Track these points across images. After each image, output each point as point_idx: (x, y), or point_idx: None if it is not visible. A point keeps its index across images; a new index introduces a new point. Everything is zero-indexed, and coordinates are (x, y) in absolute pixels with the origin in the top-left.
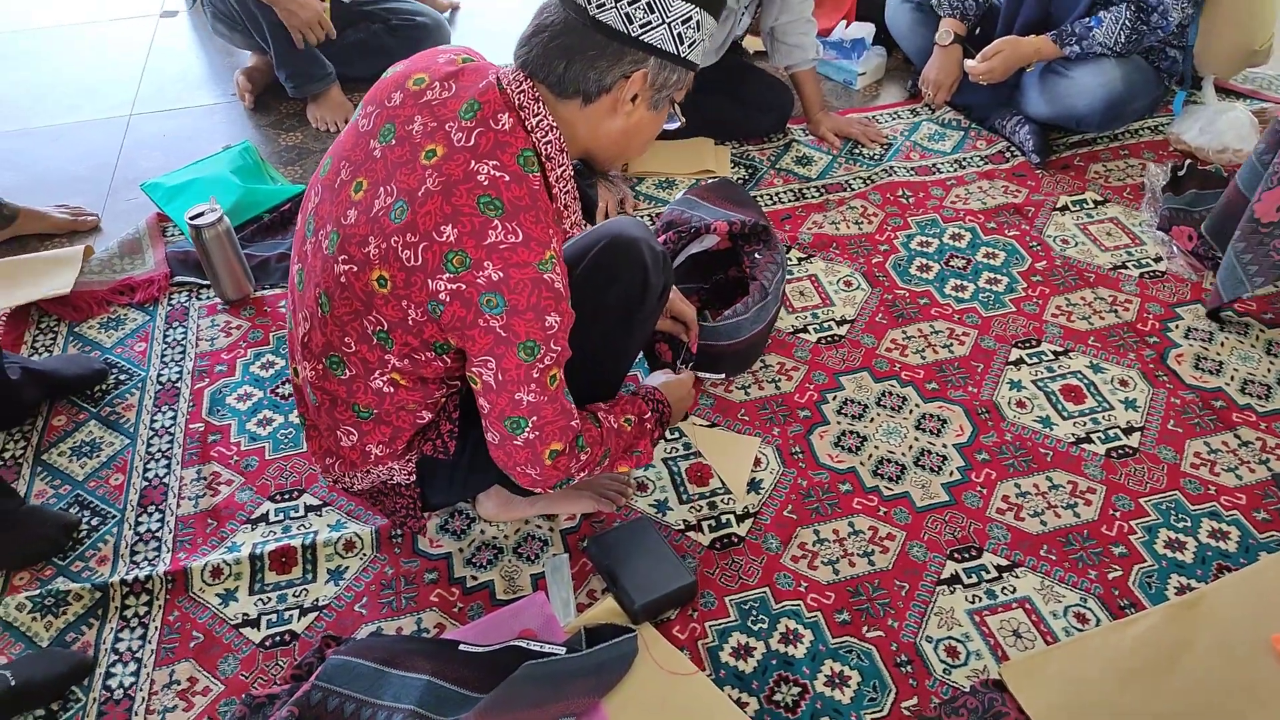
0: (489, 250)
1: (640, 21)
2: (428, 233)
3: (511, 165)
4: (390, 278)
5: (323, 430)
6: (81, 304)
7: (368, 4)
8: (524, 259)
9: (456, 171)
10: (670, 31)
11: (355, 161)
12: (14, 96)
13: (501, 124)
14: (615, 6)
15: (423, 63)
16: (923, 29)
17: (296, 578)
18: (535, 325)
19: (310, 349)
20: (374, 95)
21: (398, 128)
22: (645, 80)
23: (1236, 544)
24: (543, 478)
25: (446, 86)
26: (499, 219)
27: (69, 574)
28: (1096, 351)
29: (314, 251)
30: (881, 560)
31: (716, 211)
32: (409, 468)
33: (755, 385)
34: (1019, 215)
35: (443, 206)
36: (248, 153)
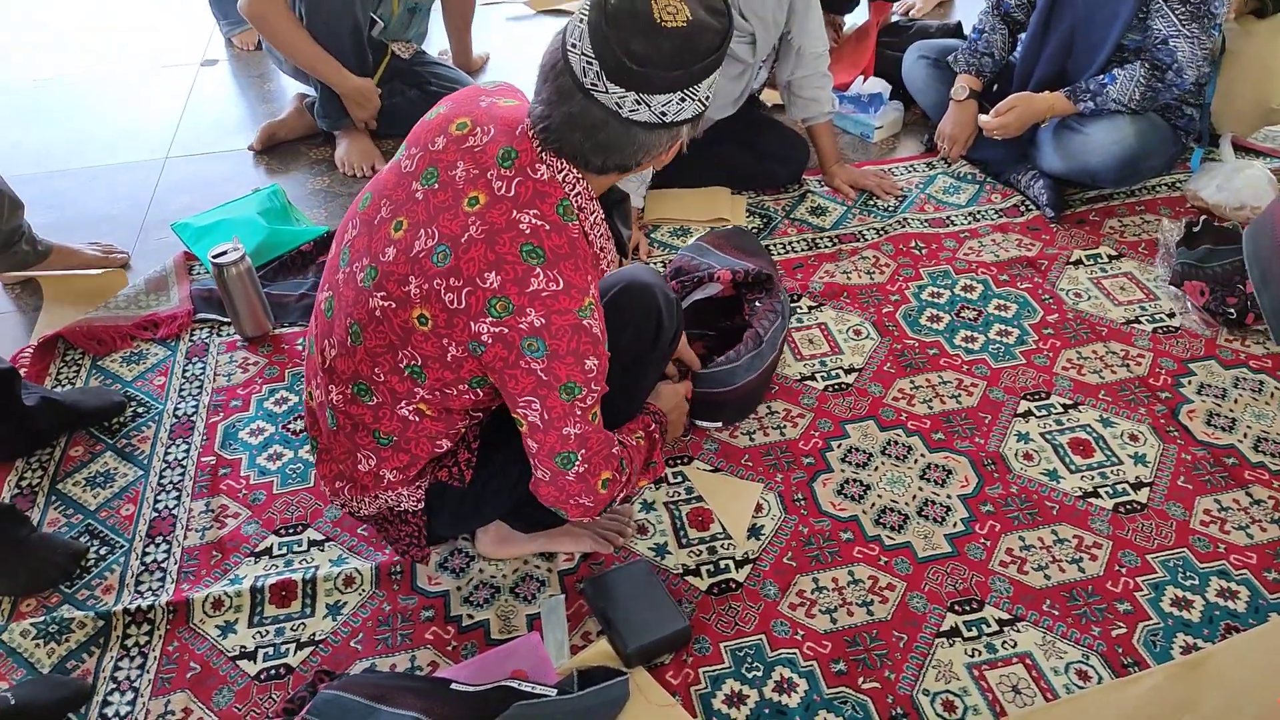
0: (531, 297)
1: (674, 111)
2: (471, 278)
3: (551, 215)
4: (432, 317)
5: (337, 454)
6: (106, 338)
7: (413, 63)
8: (565, 306)
9: (499, 220)
10: (698, 99)
11: (396, 201)
12: (55, 140)
13: (540, 174)
14: (649, 110)
15: (465, 107)
16: (939, 84)
17: (295, 611)
18: (576, 369)
19: (337, 374)
20: (417, 137)
21: (440, 172)
22: (679, 146)
23: (1246, 604)
24: (595, 505)
25: (485, 131)
26: (540, 267)
27: (74, 601)
28: (1107, 405)
29: (347, 282)
30: (880, 610)
31: (726, 259)
32: (418, 494)
33: (760, 431)
34: (1032, 268)
35: (486, 254)
36: (276, 195)
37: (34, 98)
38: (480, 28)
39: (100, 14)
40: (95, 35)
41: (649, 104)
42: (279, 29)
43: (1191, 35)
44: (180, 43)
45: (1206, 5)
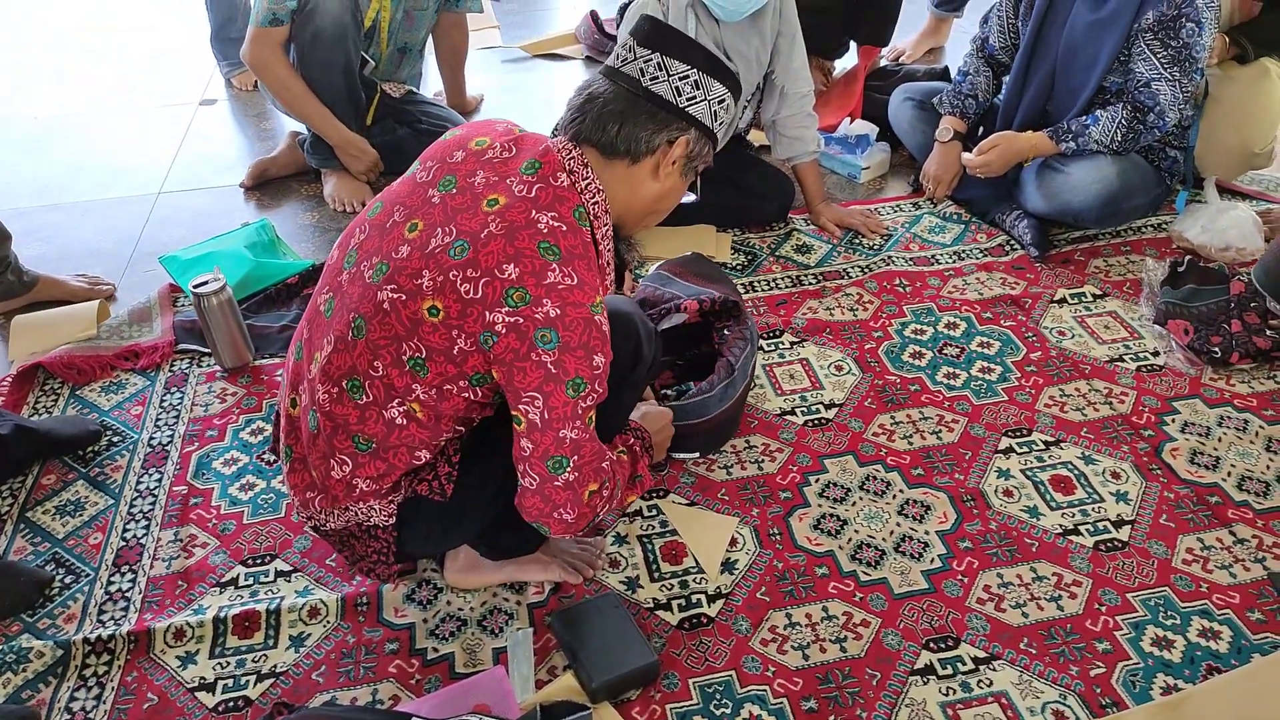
0: (548, 289)
1: (687, 95)
2: (490, 269)
3: (568, 217)
4: (444, 308)
5: (313, 461)
6: (86, 367)
7: (403, 102)
8: (579, 299)
9: (519, 218)
10: (709, 108)
11: (410, 206)
12: (51, 175)
13: (560, 181)
14: (668, 80)
15: (482, 129)
16: (924, 126)
17: (258, 643)
18: (584, 363)
19: (328, 372)
20: (434, 153)
21: (459, 179)
22: (686, 146)
23: (1228, 644)
24: (578, 520)
25: (508, 149)
26: (556, 263)
27: (34, 630)
28: (1089, 443)
29: (352, 280)
30: (854, 647)
31: (689, 287)
32: (390, 509)
33: (738, 465)
34: (1016, 306)
35: (505, 247)
36: (264, 229)
37: (33, 133)
38: (476, 70)
39: (100, 13)
40: (95, 35)
41: (668, 70)
42: (278, 76)
43: (1173, 78)
44: (181, 83)
45: (1188, 49)
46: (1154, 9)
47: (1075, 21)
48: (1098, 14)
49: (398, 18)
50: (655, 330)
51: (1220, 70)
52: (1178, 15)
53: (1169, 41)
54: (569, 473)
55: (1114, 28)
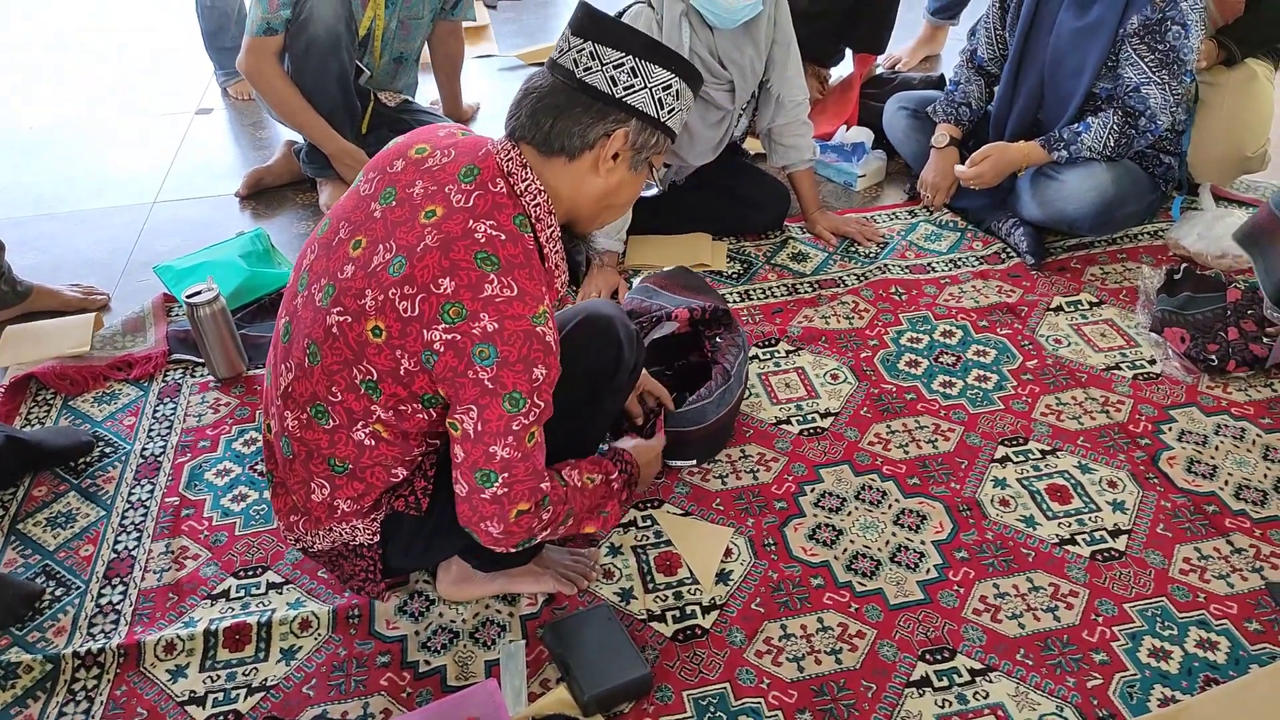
0: (485, 302)
1: (624, 84)
2: (425, 285)
3: (508, 225)
4: (386, 328)
5: (292, 486)
6: (79, 378)
7: (399, 111)
8: (519, 311)
9: (455, 229)
10: (651, 95)
11: (355, 222)
12: (45, 184)
13: (499, 187)
14: (601, 70)
15: (425, 135)
16: (918, 134)
17: (248, 656)
18: (523, 377)
19: (294, 398)
20: (376, 163)
21: (398, 190)
22: (626, 139)
23: (1226, 655)
24: (504, 536)
25: (446, 153)
26: (495, 273)
27: (24, 644)
28: (1085, 452)
29: (305, 304)
30: (849, 659)
31: (676, 299)
32: (373, 527)
33: (733, 475)
34: (1012, 314)
35: (441, 260)
36: (259, 239)
37: (28, 142)
38: (472, 78)
39: (100, 13)
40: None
41: (601, 59)
42: (273, 86)
43: (1162, 82)
44: (178, 91)
45: (1176, 52)
46: (1138, 13)
47: (1060, 29)
48: (1082, 21)
49: (392, 27)
50: (637, 333)
51: (1209, 76)
52: (1162, 19)
53: (1155, 45)
54: (496, 488)
55: (1099, 34)
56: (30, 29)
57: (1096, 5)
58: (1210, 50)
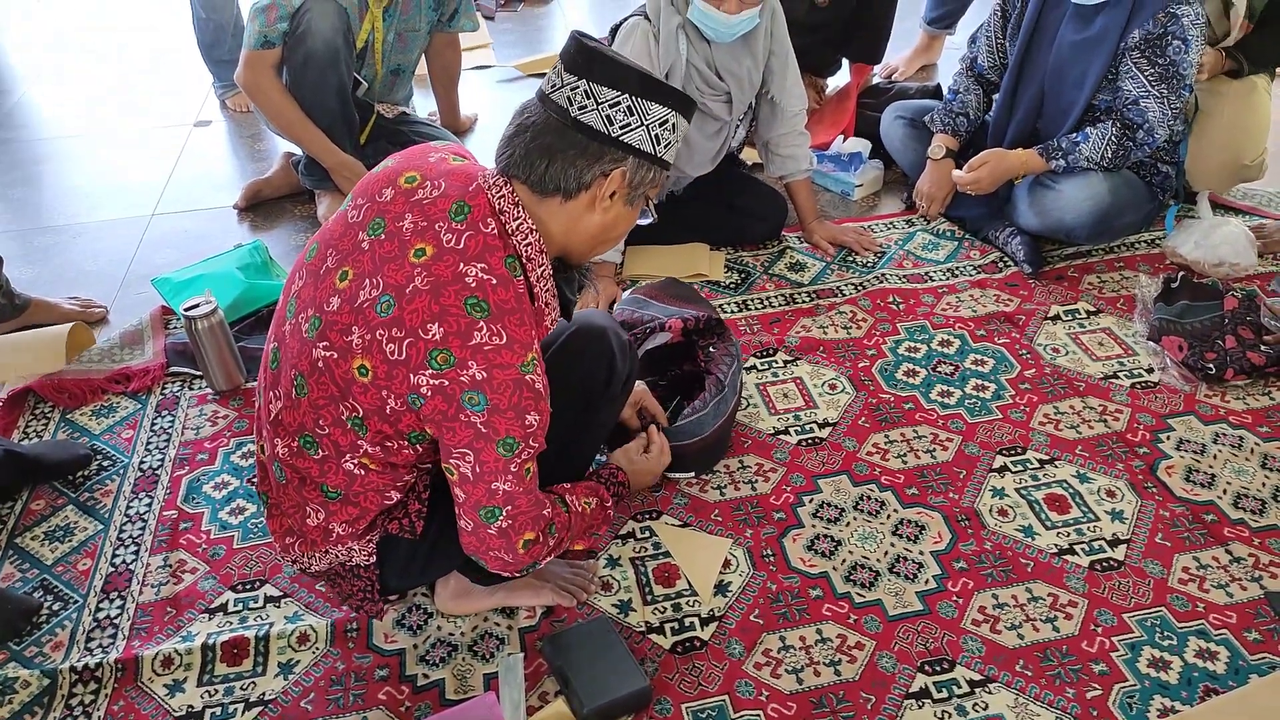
0: (474, 350)
1: (620, 123)
2: (414, 329)
3: (499, 269)
4: (372, 368)
5: (286, 508)
6: (77, 391)
7: (397, 123)
8: (507, 360)
9: (446, 273)
10: (649, 133)
11: (342, 251)
12: (43, 197)
13: (490, 228)
14: (597, 109)
15: (415, 160)
16: (915, 144)
17: (246, 670)
18: (515, 423)
19: (284, 426)
20: (364, 188)
21: (388, 223)
22: (624, 178)
23: (1225, 665)
24: (515, 562)
25: (436, 185)
26: (484, 320)
27: (21, 659)
28: (1084, 461)
29: (293, 333)
30: (848, 670)
31: (667, 309)
32: (369, 548)
33: (731, 485)
34: (1009, 323)
35: (430, 305)
36: (257, 251)
37: (26, 155)
38: (470, 90)
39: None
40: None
41: (597, 99)
42: (271, 99)
43: (1161, 96)
44: (176, 103)
45: (1175, 67)
46: (1140, 27)
47: (1063, 41)
48: (1085, 33)
49: (390, 39)
50: (630, 343)
51: (1210, 85)
52: (1164, 33)
53: (1156, 59)
54: (502, 521)
55: (1102, 47)
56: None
57: (1099, 18)
58: (1217, 61)
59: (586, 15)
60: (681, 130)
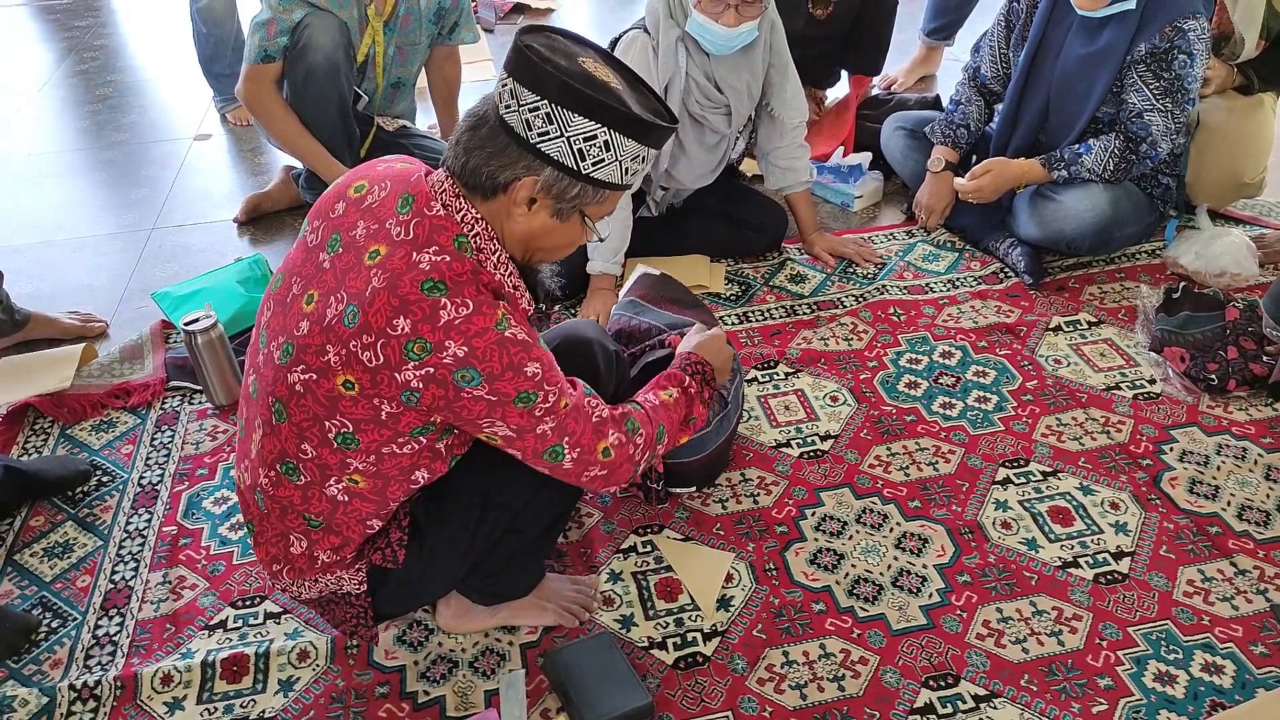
0: (446, 329)
1: (538, 130)
2: (381, 329)
3: (449, 247)
4: (357, 380)
5: (270, 537)
6: (77, 406)
7: (397, 136)
8: (481, 325)
9: (400, 264)
10: (569, 146)
11: (306, 276)
12: (43, 211)
13: (435, 210)
14: (518, 110)
15: (362, 171)
16: (916, 155)
17: (246, 687)
18: (518, 379)
19: (264, 455)
20: (318, 209)
21: (343, 235)
22: (535, 186)
23: (1232, 679)
24: (614, 472)
25: (383, 186)
26: (445, 297)
27: (20, 677)
28: (1087, 473)
29: (266, 362)
30: (852, 686)
31: (665, 316)
32: (359, 577)
33: (733, 499)
34: (1011, 335)
35: (390, 300)
36: (257, 265)
37: (26, 169)
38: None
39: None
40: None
41: (518, 100)
42: (272, 113)
43: (1165, 109)
44: (176, 117)
45: (1180, 81)
46: (1146, 41)
47: (1069, 53)
48: (1091, 46)
49: (390, 52)
50: (617, 355)
51: (1219, 99)
52: (1170, 47)
53: (1161, 73)
54: (569, 455)
55: (1108, 60)
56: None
57: (1106, 31)
58: (1228, 76)
59: (587, 28)
60: (628, 152)
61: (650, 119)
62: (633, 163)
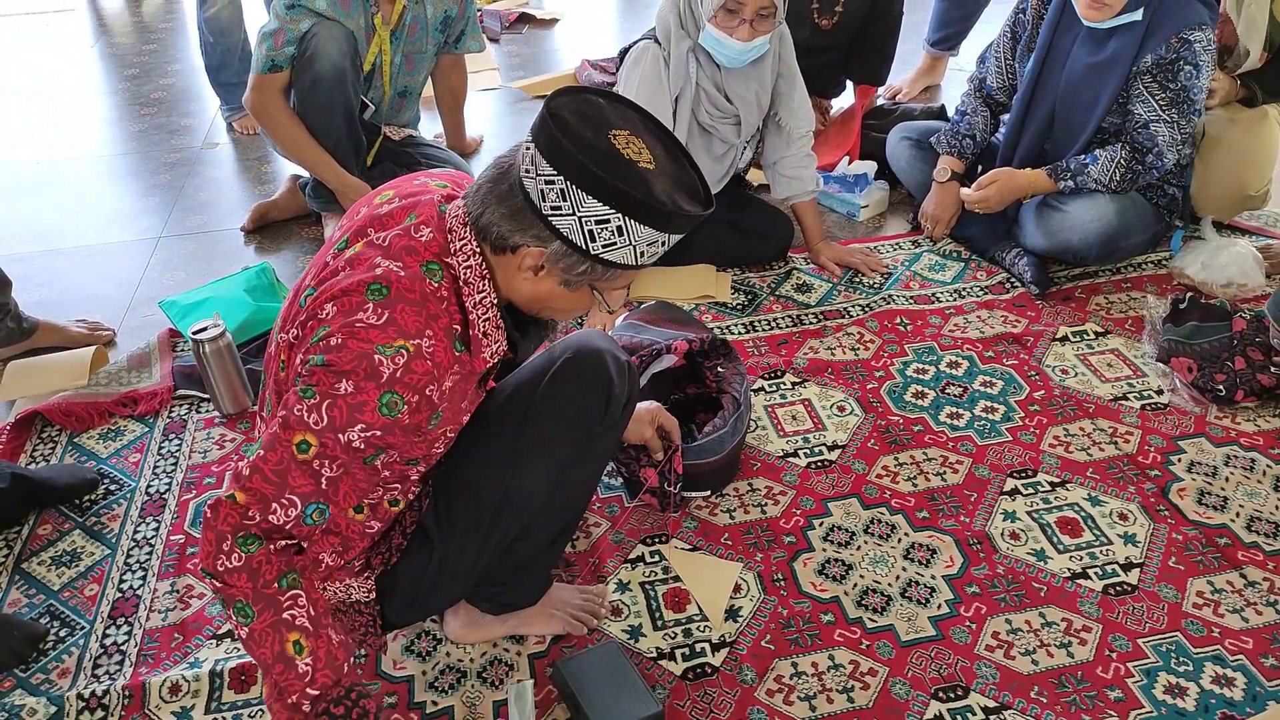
0: (345, 325)
1: (551, 204)
2: (314, 311)
3: (413, 268)
4: (287, 361)
5: None
6: (84, 414)
7: (404, 145)
8: (369, 337)
9: (361, 264)
10: (580, 225)
11: (316, 268)
12: (52, 220)
13: (421, 235)
14: (535, 179)
15: (398, 182)
16: (922, 165)
17: (254, 697)
18: (327, 382)
19: None
20: (350, 210)
21: (351, 238)
22: (541, 258)
23: (1243, 692)
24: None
25: (400, 200)
26: (375, 303)
27: (28, 686)
28: (1095, 484)
29: (273, 356)
30: (861, 697)
31: (664, 332)
32: (368, 585)
33: (740, 509)
34: (1018, 345)
35: (334, 288)
36: (264, 273)
37: (33, 177)
38: (476, 112)
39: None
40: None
41: (537, 168)
42: (278, 122)
43: (1171, 120)
44: (183, 126)
45: (1186, 92)
46: (1153, 52)
47: (1075, 63)
48: (1097, 56)
49: (397, 61)
50: (629, 364)
51: (1222, 111)
52: (1176, 58)
53: (1167, 84)
54: (246, 461)
55: (1114, 70)
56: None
57: (1112, 41)
58: (1232, 88)
59: (592, 38)
60: (640, 236)
61: (670, 208)
62: (649, 247)
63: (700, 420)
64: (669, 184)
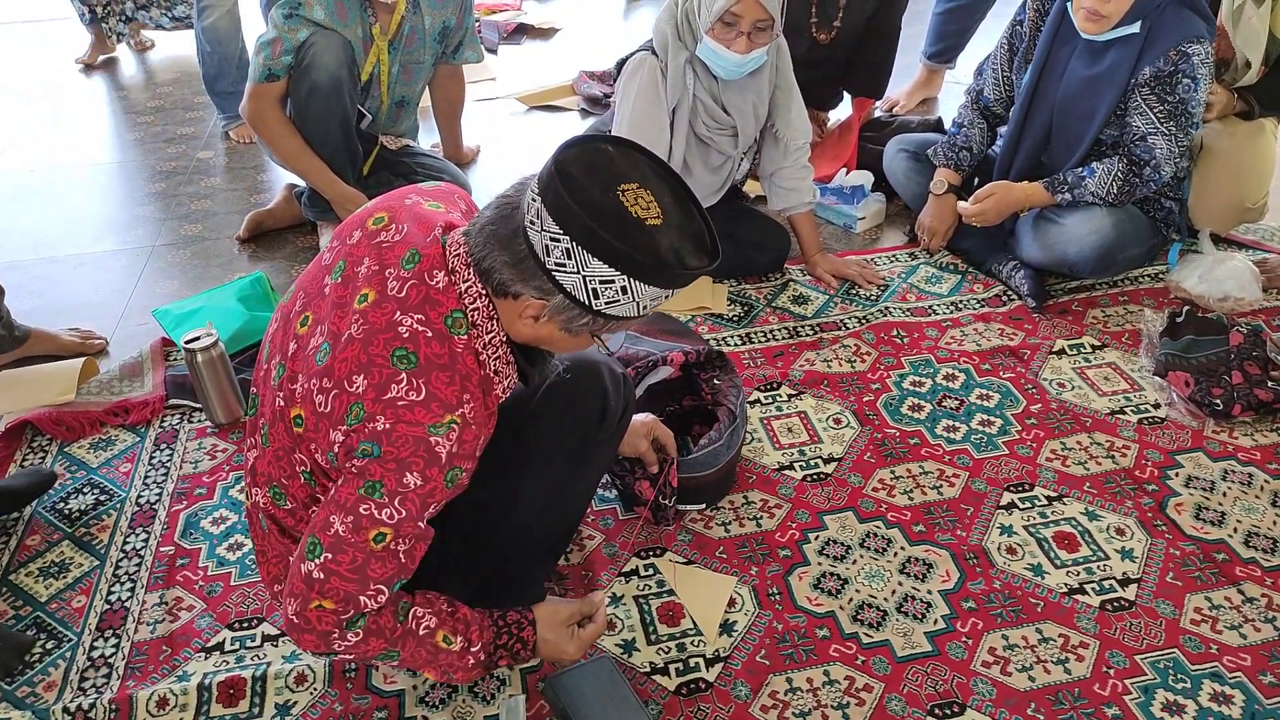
0: (385, 405)
1: (556, 260)
2: (340, 380)
3: (438, 324)
4: (305, 418)
5: (271, 557)
6: (75, 424)
7: (401, 154)
8: (418, 418)
9: (380, 320)
10: (584, 283)
11: (310, 295)
12: (45, 228)
13: (436, 281)
14: (541, 233)
15: (390, 201)
16: (918, 177)
17: (242, 712)
18: (391, 474)
19: (259, 475)
20: (341, 229)
21: (348, 267)
22: (544, 310)
23: (1241, 709)
24: (297, 621)
25: (400, 229)
26: (407, 372)
27: (13, 699)
28: (1092, 498)
29: (265, 379)
30: (857, 714)
31: (660, 344)
32: None
33: (736, 522)
34: (1014, 358)
35: (359, 355)
36: (258, 283)
37: (27, 185)
38: (474, 122)
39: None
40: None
41: (543, 224)
42: (275, 131)
43: (1169, 133)
44: (179, 134)
45: (1184, 105)
46: (1150, 65)
47: (1072, 76)
48: (1095, 68)
49: (395, 71)
50: (625, 377)
51: (1220, 124)
52: (1174, 71)
53: (1165, 97)
54: (315, 566)
55: (1111, 83)
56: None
57: (1110, 53)
58: (1229, 101)
59: (590, 49)
60: (643, 294)
61: (676, 269)
62: (652, 301)
63: (696, 432)
64: (676, 237)
